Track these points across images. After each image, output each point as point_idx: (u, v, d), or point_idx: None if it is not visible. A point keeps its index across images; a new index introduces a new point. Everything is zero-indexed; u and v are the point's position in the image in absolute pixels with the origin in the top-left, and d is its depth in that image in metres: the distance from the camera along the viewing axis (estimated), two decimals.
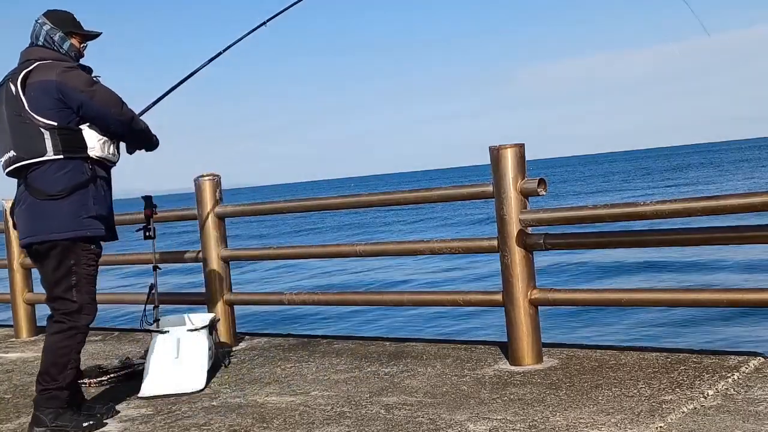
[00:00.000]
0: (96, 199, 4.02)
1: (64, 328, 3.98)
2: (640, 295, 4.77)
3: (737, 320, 9.79)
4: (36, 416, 3.99)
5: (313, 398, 4.32)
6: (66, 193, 3.92)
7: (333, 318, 12.64)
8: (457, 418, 3.71)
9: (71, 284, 3.99)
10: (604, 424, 3.43)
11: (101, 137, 4.05)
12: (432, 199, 5.30)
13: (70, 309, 3.99)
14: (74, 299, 3.99)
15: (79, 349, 4.06)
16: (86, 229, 3.96)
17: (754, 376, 3.94)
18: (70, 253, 3.97)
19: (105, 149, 4.08)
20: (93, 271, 4.07)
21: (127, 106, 4.12)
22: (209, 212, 6.04)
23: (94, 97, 3.96)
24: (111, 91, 4.08)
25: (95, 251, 4.08)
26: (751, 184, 38.33)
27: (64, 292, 4.00)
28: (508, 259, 4.63)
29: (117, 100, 4.06)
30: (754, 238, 4.23)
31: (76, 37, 4.17)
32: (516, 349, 4.63)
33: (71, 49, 4.13)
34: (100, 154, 4.05)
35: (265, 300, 6.74)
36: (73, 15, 4.21)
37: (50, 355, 3.99)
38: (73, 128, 3.97)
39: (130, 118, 4.12)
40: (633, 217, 4.39)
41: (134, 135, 4.20)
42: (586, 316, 10.77)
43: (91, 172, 4.01)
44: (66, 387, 4.01)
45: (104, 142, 4.07)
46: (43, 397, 3.99)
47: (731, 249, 14.67)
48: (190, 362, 4.83)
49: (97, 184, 4.04)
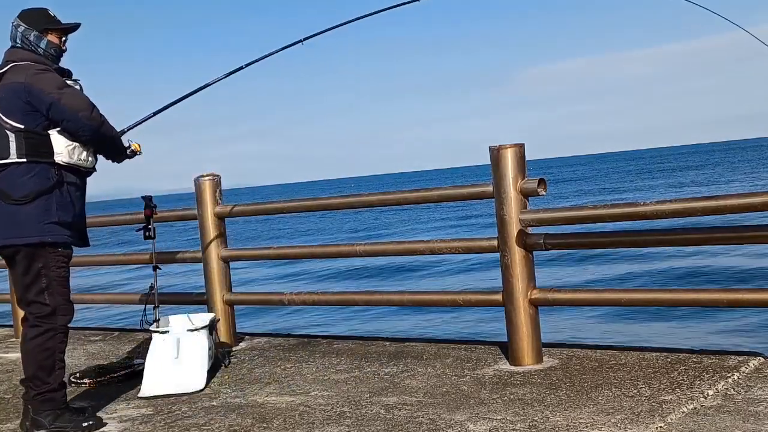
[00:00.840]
0: (60, 205, 3.95)
1: (41, 332, 3.95)
2: (640, 295, 4.77)
3: (737, 320, 9.79)
4: (35, 420, 3.98)
5: (313, 398, 4.32)
6: (30, 198, 3.87)
7: (333, 318, 12.65)
8: (457, 418, 3.71)
9: (42, 287, 3.95)
10: (604, 424, 3.43)
11: (71, 143, 3.98)
12: (432, 199, 5.30)
13: (44, 312, 3.96)
14: (47, 302, 3.96)
15: (62, 349, 4.02)
16: (47, 235, 3.91)
17: (754, 376, 3.94)
18: (37, 257, 3.93)
19: (75, 155, 4.00)
20: (63, 273, 4.03)
21: (98, 111, 4.04)
22: (209, 212, 6.03)
23: (62, 99, 3.90)
24: (81, 95, 4.03)
25: (63, 253, 4.03)
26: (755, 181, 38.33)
27: (36, 296, 3.96)
28: (508, 259, 4.63)
29: (86, 103, 3.99)
30: (754, 238, 4.23)
31: (54, 33, 4.08)
32: (516, 349, 4.63)
33: (49, 47, 4.06)
34: (67, 160, 3.98)
35: (265, 300, 6.74)
36: (48, 10, 4.11)
37: (35, 359, 3.95)
38: (40, 132, 3.90)
39: (100, 123, 4.03)
40: (633, 217, 4.39)
41: (103, 141, 4.11)
42: (586, 316, 10.78)
43: (56, 177, 3.94)
44: (59, 387, 4.01)
45: (74, 148, 3.99)
46: (39, 401, 3.98)
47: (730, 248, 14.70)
48: (190, 362, 4.83)
49: (63, 190, 3.97)
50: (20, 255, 3.95)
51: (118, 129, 4.27)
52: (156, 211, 5.58)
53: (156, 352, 4.87)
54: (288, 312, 12.87)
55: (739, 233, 4.26)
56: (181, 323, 5.12)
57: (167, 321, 5.16)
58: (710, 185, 42.07)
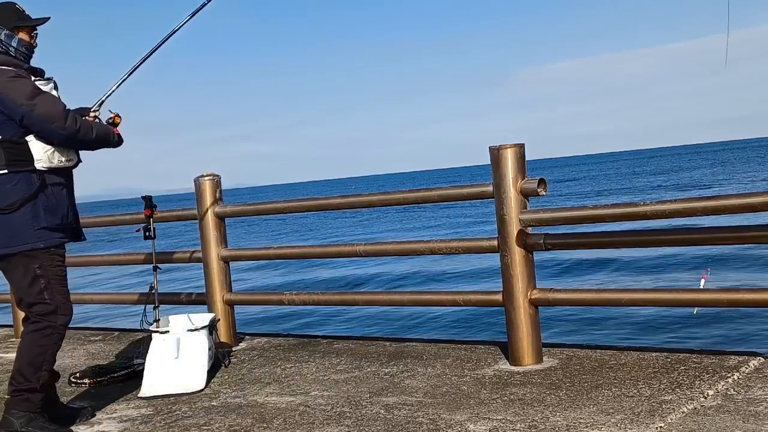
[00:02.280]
0: (47, 209, 3.91)
1: (40, 327, 3.92)
2: (640, 295, 4.77)
3: (737, 320, 9.79)
4: (5, 419, 3.89)
5: (313, 398, 4.32)
6: (17, 206, 3.84)
7: (333, 318, 12.64)
8: (457, 418, 3.71)
9: (41, 288, 3.92)
10: (604, 424, 3.43)
11: (49, 147, 3.90)
12: (432, 199, 5.29)
13: (47, 310, 3.93)
14: (48, 301, 3.93)
15: (55, 350, 3.98)
16: (38, 241, 3.88)
17: (754, 376, 3.94)
18: (32, 261, 3.90)
19: (55, 159, 3.93)
20: (60, 272, 4.01)
21: (73, 116, 3.93)
22: (209, 212, 6.03)
23: (35, 110, 3.79)
24: (54, 103, 3.90)
25: (57, 252, 4.00)
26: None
27: (36, 297, 3.93)
28: (508, 259, 4.63)
29: (59, 113, 3.87)
30: (754, 238, 4.23)
31: (24, 30, 3.99)
32: (516, 349, 4.63)
33: (21, 45, 3.97)
34: (48, 165, 3.91)
35: (265, 300, 6.73)
36: (16, 5, 4.00)
37: (26, 354, 3.91)
38: (17, 141, 3.84)
39: (75, 130, 3.91)
40: (633, 217, 4.39)
41: (83, 143, 4.04)
42: (586, 316, 10.77)
43: (39, 182, 3.88)
44: (39, 390, 3.92)
45: (53, 152, 3.92)
46: (15, 399, 3.90)
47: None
48: (190, 362, 4.83)
49: (47, 193, 3.91)
50: (14, 261, 3.91)
51: (94, 100, 4.19)
52: (156, 211, 5.58)
53: (156, 352, 4.87)
54: (288, 312, 12.86)
55: (739, 233, 4.25)
56: (181, 323, 5.12)
57: (167, 321, 5.16)
58: (711, 185, 42.07)
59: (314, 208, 6.01)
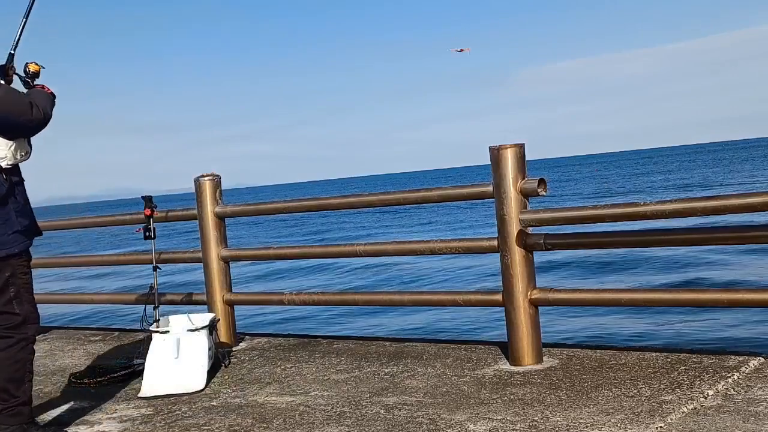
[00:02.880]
0: (18, 211, 3.86)
1: (12, 343, 3.86)
2: (640, 295, 4.77)
3: (737, 320, 9.79)
4: None
5: (313, 398, 4.32)
6: None
7: (333, 318, 12.64)
8: (457, 418, 3.71)
9: (11, 297, 3.87)
10: (604, 424, 3.43)
11: (11, 143, 3.82)
12: (432, 199, 5.29)
13: (15, 322, 3.88)
14: (17, 312, 3.88)
15: (31, 360, 3.94)
16: (13, 246, 3.84)
17: (754, 376, 3.94)
18: (3, 267, 3.85)
19: (18, 153, 3.86)
20: (28, 279, 3.97)
21: (37, 106, 3.79)
22: (209, 212, 6.03)
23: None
24: (16, 98, 3.79)
25: (27, 258, 3.97)
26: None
27: (5, 306, 3.87)
28: (508, 259, 4.63)
29: (23, 105, 3.75)
30: (754, 238, 4.23)
31: None
32: (516, 349, 4.63)
33: None
34: (13, 162, 3.86)
35: (265, 300, 6.73)
36: None
37: (5, 372, 3.85)
38: None
39: (44, 115, 3.80)
40: (633, 217, 4.38)
41: (48, 121, 3.87)
42: (587, 316, 10.77)
43: (7, 184, 3.82)
44: (27, 401, 3.91)
45: (15, 147, 3.84)
46: (6, 415, 3.88)
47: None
48: (190, 362, 4.83)
49: (16, 194, 3.87)
50: None
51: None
52: (156, 211, 5.58)
53: (156, 352, 4.87)
54: (288, 312, 12.85)
55: (739, 233, 4.25)
56: (181, 323, 5.12)
57: (167, 321, 5.16)
58: (711, 186, 42.06)
59: (314, 208, 6.01)
